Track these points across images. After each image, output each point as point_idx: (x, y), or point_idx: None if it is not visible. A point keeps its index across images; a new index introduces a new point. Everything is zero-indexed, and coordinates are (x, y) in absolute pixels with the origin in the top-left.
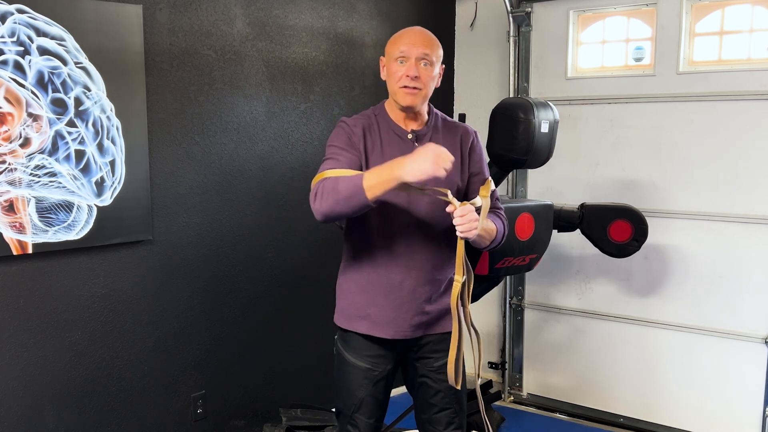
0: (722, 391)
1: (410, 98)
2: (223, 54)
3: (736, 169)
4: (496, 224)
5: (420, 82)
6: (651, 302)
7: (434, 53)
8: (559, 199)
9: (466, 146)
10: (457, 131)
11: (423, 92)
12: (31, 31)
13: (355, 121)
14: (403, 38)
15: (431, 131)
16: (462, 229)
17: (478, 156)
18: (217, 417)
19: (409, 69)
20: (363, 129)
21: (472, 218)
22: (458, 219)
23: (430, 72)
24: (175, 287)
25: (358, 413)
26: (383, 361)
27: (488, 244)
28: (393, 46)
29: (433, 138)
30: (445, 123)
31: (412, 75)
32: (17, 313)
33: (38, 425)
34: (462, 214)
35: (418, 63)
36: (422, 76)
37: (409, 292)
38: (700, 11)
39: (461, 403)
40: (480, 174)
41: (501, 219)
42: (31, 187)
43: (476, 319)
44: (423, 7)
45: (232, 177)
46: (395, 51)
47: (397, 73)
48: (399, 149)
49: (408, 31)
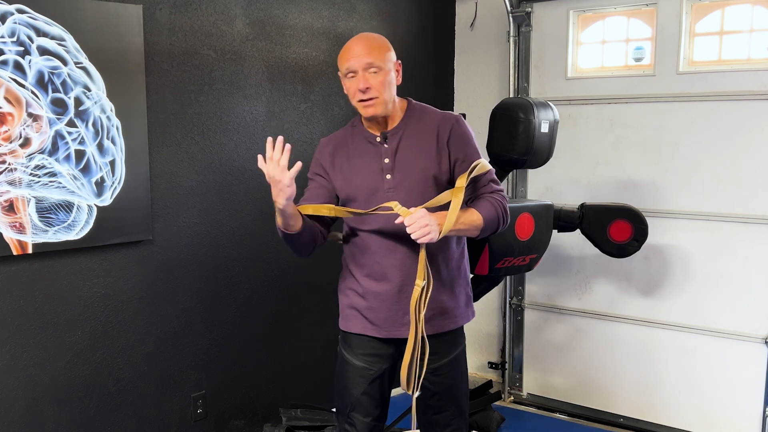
0: (722, 391)
1: (370, 110)
2: (223, 54)
3: (736, 169)
4: (483, 211)
5: (373, 91)
6: (651, 302)
7: (379, 58)
8: (559, 199)
9: (444, 134)
10: (433, 121)
11: (380, 99)
12: (31, 31)
13: (328, 141)
14: (346, 53)
15: (404, 129)
16: (415, 236)
17: (459, 141)
18: (217, 417)
19: (358, 82)
20: (333, 147)
21: (421, 224)
22: (408, 228)
23: (381, 78)
24: (175, 287)
25: (354, 412)
26: (378, 360)
27: (478, 233)
28: (341, 64)
29: (405, 135)
30: (422, 115)
31: (362, 88)
32: (17, 313)
33: (38, 425)
34: (410, 223)
35: (366, 73)
36: (372, 86)
37: (397, 292)
38: (700, 11)
39: (459, 404)
40: (465, 159)
41: (493, 204)
42: (31, 187)
43: (476, 319)
44: (423, 7)
45: (232, 177)
46: (343, 68)
47: (351, 89)
48: (370, 155)
49: (349, 44)
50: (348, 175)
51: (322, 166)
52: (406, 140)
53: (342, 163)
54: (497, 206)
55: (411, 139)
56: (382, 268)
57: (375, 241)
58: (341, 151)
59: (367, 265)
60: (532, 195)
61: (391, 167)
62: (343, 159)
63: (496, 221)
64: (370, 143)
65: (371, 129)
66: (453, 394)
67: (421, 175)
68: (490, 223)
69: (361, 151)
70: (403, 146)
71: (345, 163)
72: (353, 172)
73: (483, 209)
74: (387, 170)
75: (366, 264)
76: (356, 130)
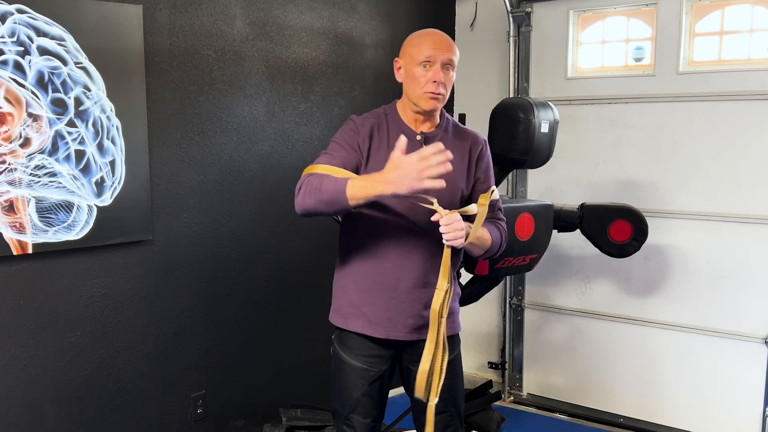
0: (722, 391)
1: (434, 103)
2: (223, 54)
3: (736, 169)
4: (492, 234)
5: (444, 88)
6: (651, 302)
7: (456, 59)
8: (559, 199)
9: (474, 153)
10: (467, 138)
11: (444, 98)
12: (31, 31)
13: (364, 120)
14: (428, 42)
15: (441, 134)
16: (448, 237)
17: (485, 164)
18: (217, 417)
19: (435, 74)
20: (371, 128)
21: (457, 227)
22: (444, 227)
23: (451, 78)
24: (175, 287)
25: (353, 413)
26: (379, 361)
27: (482, 253)
28: (417, 49)
29: (443, 142)
30: (456, 128)
31: (439, 81)
32: (17, 313)
33: (38, 425)
34: (447, 223)
35: (443, 68)
36: (446, 83)
37: (405, 293)
38: (700, 11)
39: (458, 405)
40: (485, 182)
41: (499, 230)
42: (31, 187)
43: (476, 319)
44: (423, 7)
45: (232, 177)
46: (420, 55)
47: (422, 78)
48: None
49: (431, 34)
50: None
51: (358, 143)
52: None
53: (377, 150)
54: (502, 234)
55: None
56: (395, 268)
57: (391, 241)
58: (378, 137)
59: (377, 263)
60: (532, 195)
61: None
62: (377, 147)
63: (498, 247)
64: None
65: (410, 124)
66: (452, 396)
67: (452, 185)
68: (494, 246)
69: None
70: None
71: (383, 148)
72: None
73: (493, 233)
74: None
75: (376, 262)
76: (390, 118)
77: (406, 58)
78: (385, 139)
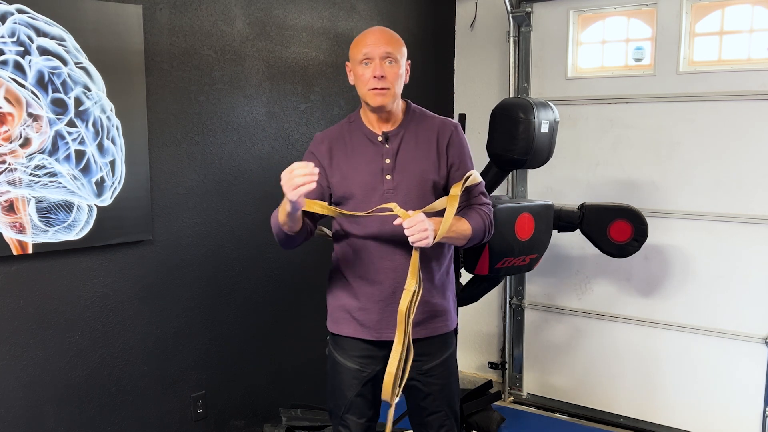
0: (722, 391)
1: (380, 98)
2: (223, 54)
3: (736, 169)
4: (472, 222)
5: (387, 81)
6: (651, 302)
7: (397, 51)
8: (559, 199)
9: (443, 141)
10: (433, 126)
11: (391, 91)
12: (31, 31)
13: (323, 137)
14: (364, 40)
15: (404, 130)
16: (412, 239)
17: (457, 149)
18: (217, 417)
19: (374, 69)
20: (329, 143)
21: (421, 228)
22: (407, 230)
23: (396, 70)
24: (175, 287)
25: (348, 413)
26: (372, 362)
27: (464, 243)
28: (356, 49)
29: (406, 136)
30: (422, 119)
31: (378, 75)
32: (17, 313)
33: (38, 425)
34: (410, 225)
35: (383, 62)
36: (388, 75)
37: (392, 294)
38: (700, 11)
39: (452, 405)
40: (461, 168)
41: (481, 215)
42: (31, 187)
43: (476, 319)
44: (423, 7)
45: (232, 177)
46: (358, 54)
47: (364, 75)
48: (371, 153)
49: (368, 32)
50: (346, 173)
51: (320, 162)
52: (407, 142)
53: (340, 161)
54: (485, 219)
55: (412, 141)
56: (377, 270)
57: (370, 243)
58: (339, 148)
59: (360, 266)
60: (532, 195)
61: (391, 168)
62: (341, 156)
63: (482, 233)
64: (370, 141)
65: (372, 126)
66: (446, 395)
67: (421, 178)
68: (478, 233)
69: (360, 149)
70: (404, 148)
71: (343, 160)
72: (352, 169)
73: (473, 220)
74: (387, 171)
75: (359, 265)
76: (354, 126)
77: (351, 61)
78: (347, 147)
